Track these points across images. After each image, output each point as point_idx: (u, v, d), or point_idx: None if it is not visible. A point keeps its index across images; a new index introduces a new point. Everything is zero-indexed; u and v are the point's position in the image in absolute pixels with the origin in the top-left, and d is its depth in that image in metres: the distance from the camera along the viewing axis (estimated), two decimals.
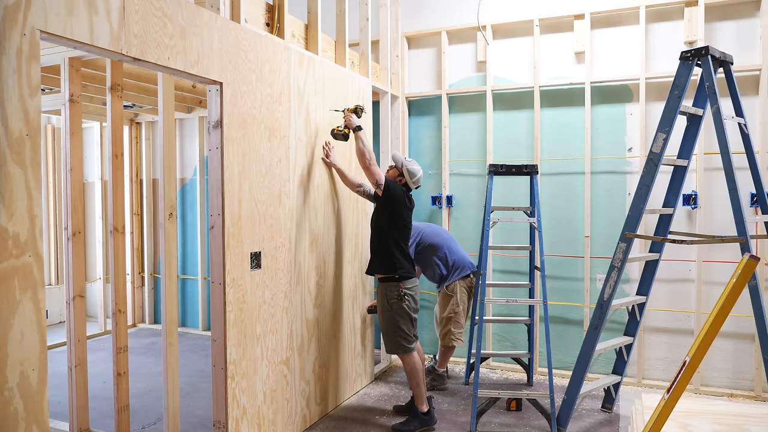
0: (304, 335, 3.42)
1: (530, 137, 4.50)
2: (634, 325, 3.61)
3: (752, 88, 3.89)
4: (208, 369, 4.58)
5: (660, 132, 3.13)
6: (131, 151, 5.97)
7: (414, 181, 3.52)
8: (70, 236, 3.17)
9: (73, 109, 3.16)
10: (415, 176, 3.50)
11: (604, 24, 4.28)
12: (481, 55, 4.64)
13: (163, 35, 2.34)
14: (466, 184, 4.75)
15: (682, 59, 3.12)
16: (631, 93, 4.22)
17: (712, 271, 4.00)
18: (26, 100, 1.82)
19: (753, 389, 3.89)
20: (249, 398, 2.91)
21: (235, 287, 2.79)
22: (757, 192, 3.16)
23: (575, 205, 4.38)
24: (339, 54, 3.99)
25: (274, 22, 3.26)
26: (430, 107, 4.89)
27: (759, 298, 2.91)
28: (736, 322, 3.93)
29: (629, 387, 4.13)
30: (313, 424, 3.54)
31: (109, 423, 3.46)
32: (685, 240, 2.99)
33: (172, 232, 2.92)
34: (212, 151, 2.74)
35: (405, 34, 4.87)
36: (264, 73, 3.00)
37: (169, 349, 2.89)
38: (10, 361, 1.79)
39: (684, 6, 4.02)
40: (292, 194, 3.29)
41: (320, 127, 3.60)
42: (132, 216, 5.99)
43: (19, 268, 1.81)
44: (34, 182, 1.86)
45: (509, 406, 3.74)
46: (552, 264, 4.42)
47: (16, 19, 1.78)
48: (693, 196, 3.97)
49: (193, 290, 5.93)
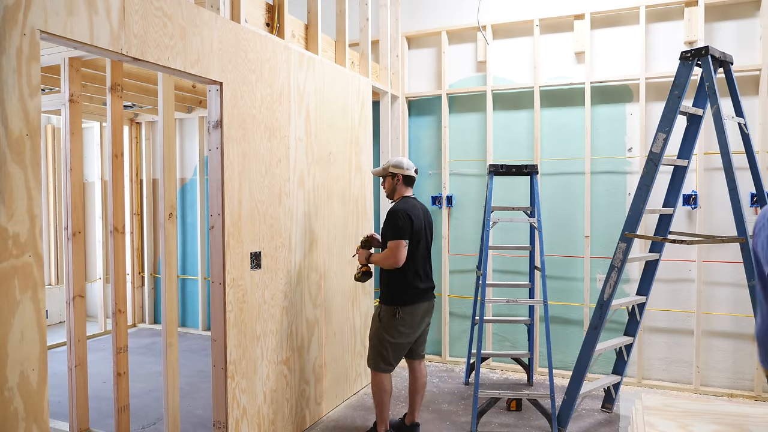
0: (304, 335, 3.42)
1: (530, 137, 4.50)
2: (634, 325, 3.61)
3: (752, 88, 3.89)
4: (208, 369, 4.58)
5: (660, 132, 3.13)
6: (131, 151, 5.97)
7: (406, 167, 3.24)
8: (70, 236, 3.17)
9: (73, 109, 3.16)
10: (402, 164, 3.24)
11: (604, 24, 4.28)
12: (481, 55, 4.64)
13: (163, 35, 2.34)
14: (466, 184, 4.75)
15: (682, 59, 3.12)
16: (631, 93, 4.22)
17: (712, 271, 4.00)
18: (26, 100, 1.82)
19: (753, 389, 3.89)
20: (249, 398, 2.91)
21: (235, 287, 2.79)
22: (757, 192, 3.16)
23: (575, 205, 4.38)
24: (339, 54, 3.99)
25: (274, 22, 3.26)
26: (430, 107, 4.89)
27: None
28: (736, 322, 3.93)
29: (629, 387, 4.12)
30: (313, 424, 3.54)
31: (109, 423, 3.47)
32: (685, 240, 2.99)
33: (172, 232, 2.92)
34: (212, 151, 2.74)
35: (405, 34, 4.87)
36: (264, 73, 3.00)
37: (169, 349, 2.89)
38: (10, 361, 1.79)
39: (684, 6, 4.02)
40: (292, 194, 3.29)
41: (320, 126, 3.60)
42: (132, 216, 5.99)
43: (19, 268, 1.81)
44: (34, 182, 1.86)
45: (509, 406, 3.74)
46: (552, 264, 4.42)
47: (16, 19, 1.78)
48: (693, 196, 3.97)
49: (193, 290, 5.93)
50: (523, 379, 4.38)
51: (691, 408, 2.67)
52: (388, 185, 3.30)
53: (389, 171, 3.27)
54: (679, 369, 4.10)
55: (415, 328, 3.16)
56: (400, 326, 3.10)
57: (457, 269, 4.76)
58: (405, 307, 3.09)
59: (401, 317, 3.09)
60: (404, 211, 3.09)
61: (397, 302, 3.10)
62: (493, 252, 4.55)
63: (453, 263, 4.77)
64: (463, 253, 4.74)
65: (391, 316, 3.09)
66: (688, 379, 4.07)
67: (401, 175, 3.25)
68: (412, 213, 3.10)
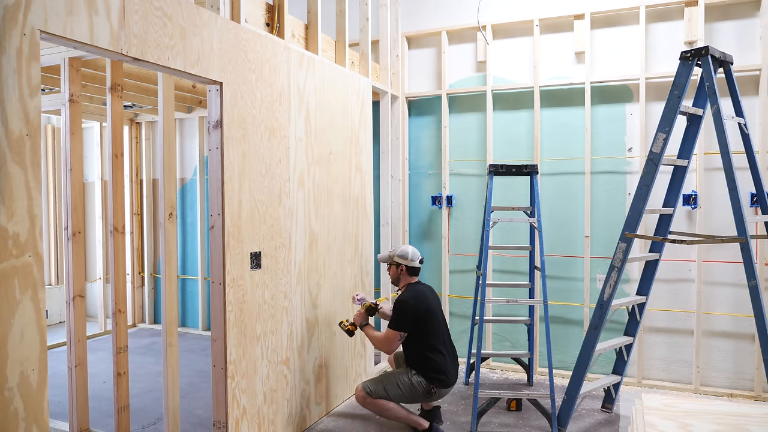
0: (304, 335, 3.42)
1: (530, 137, 4.50)
2: (634, 325, 3.61)
3: (752, 88, 3.89)
4: (208, 369, 4.58)
5: (660, 132, 3.13)
6: (131, 151, 5.97)
7: (411, 258, 3.37)
8: (70, 236, 3.17)
9: (73, 109, 3.16)
10: (407, 255, 3.37)
11: (604, 24, 4.28)
12: (481, 55, 4.64)
13: (163, 35, 2.34)
14: (466, 184, 4.75)
15: (682, 59, 3.12)
16: (631, 93, 4.22)
17: (712, 271, 4.00)
18: (26, 100, 1.82)
19: (753, 389, 3.89)
20: (249, 398, 2.91)
21: (235, 287, 2.79)
22: (757, 192, 3.16)
23: (575, 205, 4.38)
24: (339, 54, 3.99)
25: (274, 22, 3.26)
26: (430, 107, 4.89)
27: (759, 298, 2.91)
28: (736, 322, 3.93)
29: (629, 387, 4.13)
30: (313, 424, 3.54)
31: (109, 423, 3.47)
32: (685, 240, 2.99)
33: (172, 232, 2.92)
34: (212, 151, 2.74)
35: (405, 34, 4.87)
36: (264, 73, 3.00)
37: (169, 349, 2.89)
38: (10, 361, 1.79)
39: (684, 6, 4.02)
40: (292, 194, 3.29)
41: (320, 126, 3.59)
42: (132, 216, 5.99)
43: (19, 268, 1.81)
44: (34, 182, 1.85)
45: (509, 406, 3.74)
46: (552, 264, 4.42)
47: (16, 19, 1.78)
48: (693, 196, 3.97)
49: (193, 290, 5.93)
50: (523, 379, 4.38)
51: (691, 408, 2.67)
52: (393, 273, 3.45)
53: (394, 260, 3.42)
54: (679, 369, 4.10)
55: (422, 393, 3.26)
56: (422, 397, 3.25)
57: (457, 269, 4.76)
58: (442, 389, 3.26)
59: (437, 394, 3.26)
60: (410, 303, 3.24)
61: (433, 381, 3.23)
62: (493, 252, 4.55)
63: (453, 263, 4.78)
64: (463, 253, 4.75)
65: (426, 391, 3.23)
66: (688, 379, 4.07)
67: (404, 266, 3.39)
68: (418, 304, 3.25)
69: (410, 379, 3.22)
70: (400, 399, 3.24)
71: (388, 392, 3.22)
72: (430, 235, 4.90)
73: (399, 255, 3.40)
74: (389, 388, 3.23)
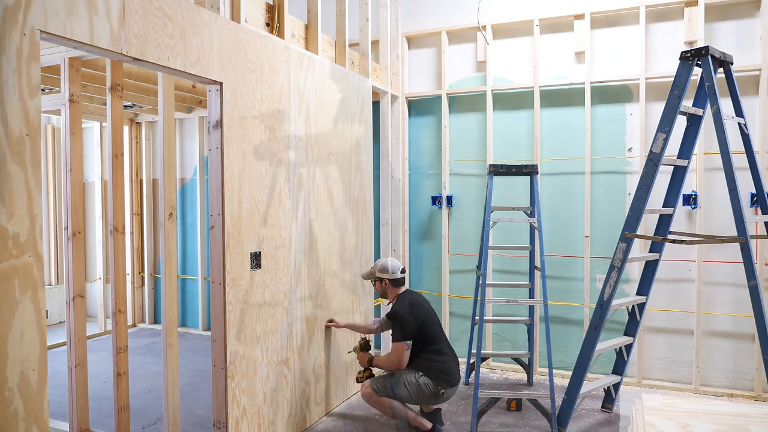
0: (304, 335, 3.42)
1: (530, 137, 4.50)
2: (634, 325, 3.61)
3: (752, 88, 3.89)
4: (208, 369, 4.58)
5: (660, 132, 3.13)
6: (131, 151, 5.97)
7: (391, 271, 3.41)
8: (70, 236, 3.17)
9: (73, 109, 3.16)
10: (387, 268, 3.42)
11: (604, 24, 4.28)
12: (481, 55, 4.64)
13: (163, 35, 2.34)
14: (466, 184, 4.75)
15: (682, 59, 3.12)
16: (631, 93, 4.22)
17: (712, 271, 4.00)
18: (26, 100, 1.82)
19: (753, 389, 3.89)
20: (249, 398, 2.91)
21: (235, 287, 2.79)
22: (757, 192, 3.16)
23: (575, 205, 4.38)
24: (339, 54, 3.99)
25: (274, 22, 3.26)
26: (430, 107, 4.89)
27: (759, 298, 2.91)
28: (736, 322, 3.93)
29: (629, 387, 4.13)
30: (314, 424, 3.54)
31: (109, 423, 3.46)
32: (685, 240, 2.99)
33: (172, 232, 2.92)
34: (212, 151, 2.74)
35: (405, 34, 4.87)
36: (264, 73, 3.00)
37: (169, 349, 2.89)
38: (10, 361, 1.79)
39: (684, 6, 4.02)
40: (292, 194, 3.29)
41: (320, 127, 3.59)
42: (132, 216, 5.99)
43: (19, 268, 1.81)
44: (34, 182, 1.86)
45: (509, 406, 3.74)
46: (552, 264, 4.42)
47: (16, 19, 1.78)
48: (693, 196, 3.97)
49: (193, 290, 5.93)
50: (523, 379, 4.38)
51: (691, 408, 2.67)
52: (379, 288, 3.50)
53: (376, 276, 3.48)
54: (679, 369, 4.10)
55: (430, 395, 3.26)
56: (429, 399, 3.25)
57: (457, 269, 4.76)
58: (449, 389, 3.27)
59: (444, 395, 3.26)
60: (406, 311, 3.27)
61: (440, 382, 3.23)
62: (493, 252, 4.55)
63: (453, 263, 4.78)
64: (463, 253, 4.75)
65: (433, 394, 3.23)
66: (688, 379, 4.07)
67: (387, 280, 3.44)
68: (414, 310, 3.29)
69: (417, 380, 3.23)
70: (405, 399, 3.24)
71: (394, 391, 3.23)
72: (430, 235, 4.90)
73: (380, 270, 3.46)
74: (396, 388, 3.24)
